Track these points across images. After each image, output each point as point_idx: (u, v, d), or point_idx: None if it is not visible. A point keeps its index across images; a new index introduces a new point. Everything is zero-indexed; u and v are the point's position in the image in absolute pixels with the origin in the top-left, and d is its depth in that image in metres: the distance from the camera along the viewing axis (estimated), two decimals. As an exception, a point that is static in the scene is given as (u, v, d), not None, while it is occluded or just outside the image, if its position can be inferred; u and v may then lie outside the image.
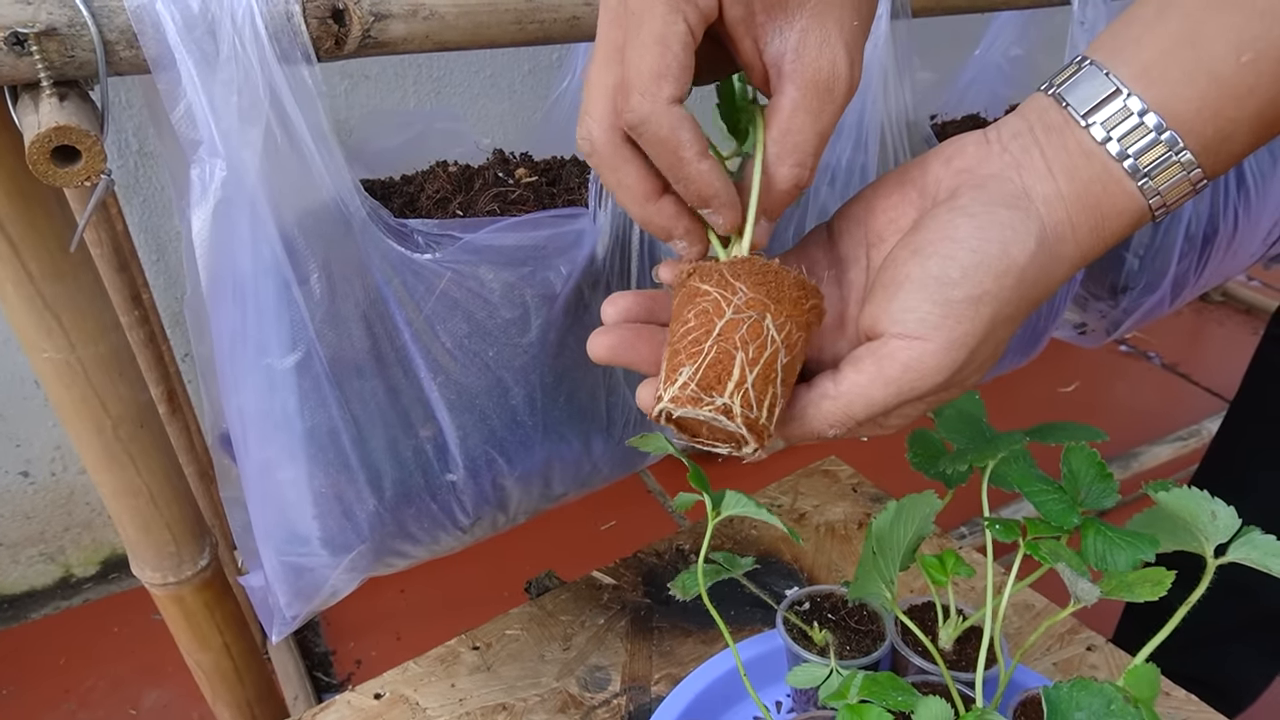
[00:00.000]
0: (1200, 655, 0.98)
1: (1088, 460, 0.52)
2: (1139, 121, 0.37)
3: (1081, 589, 0.45)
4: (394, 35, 0.46)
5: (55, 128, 0.38)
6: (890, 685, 0.50)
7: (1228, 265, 0.98)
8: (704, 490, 0.54)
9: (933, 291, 0.37)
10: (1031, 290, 0.38)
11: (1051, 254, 0.39)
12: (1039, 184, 0.39)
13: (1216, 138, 0.37)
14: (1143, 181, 0.38)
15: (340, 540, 0.53)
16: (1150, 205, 0.39)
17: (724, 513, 0.54)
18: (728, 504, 0.54)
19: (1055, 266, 0.39)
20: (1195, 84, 0.36)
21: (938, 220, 0.39)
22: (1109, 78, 0.38)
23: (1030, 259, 0.38)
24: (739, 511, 0.53)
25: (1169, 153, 0.37)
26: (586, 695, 0.67)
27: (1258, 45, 0.35)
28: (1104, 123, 0.38)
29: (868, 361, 0.38)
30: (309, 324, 0.48)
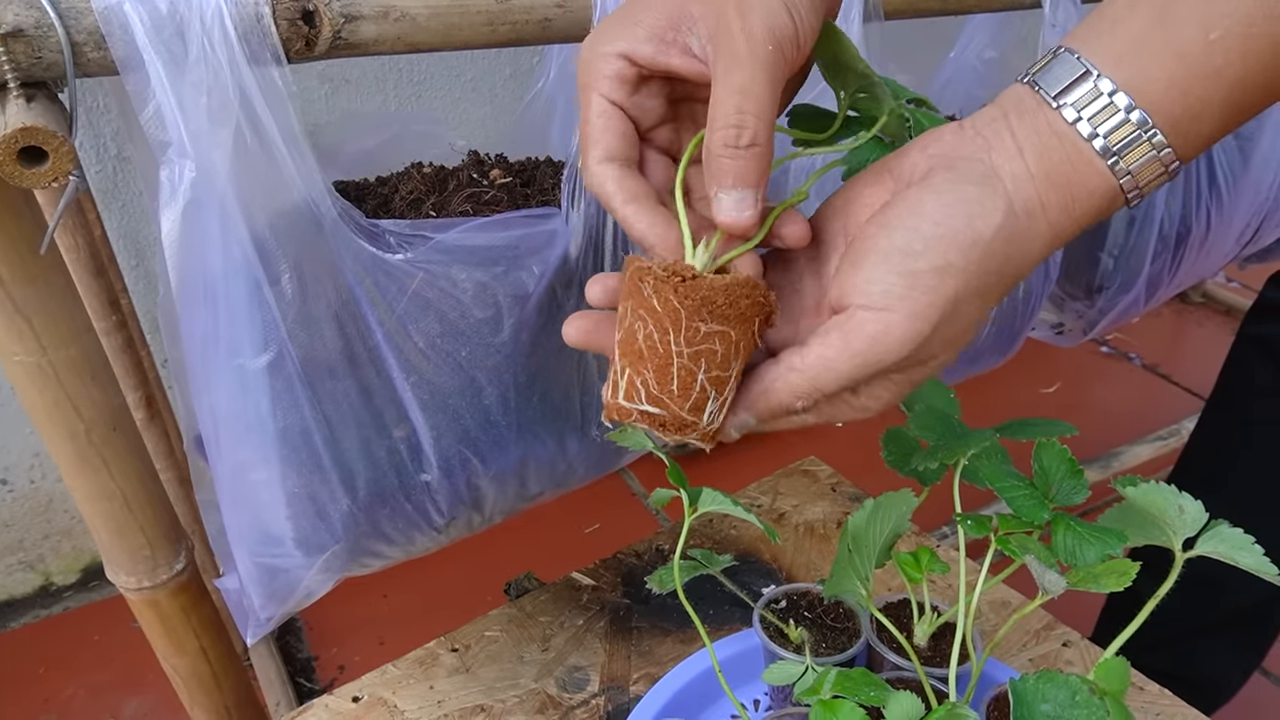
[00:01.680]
0: (1177, 651, 0.99)
1: (1059, 457, 0.53)
2: (1109, 102, 0.38)
3: (1049, 580, 0.45)
4: (365, 37, 0.46)
5: (22, 128, 0.38)
6: (863, 681, 0.50)
7: (1202, 265, 0.99)
8: (682, 487, 0.55)
9: (896, 263, 0.38)
10: (999, 265, 0.39)
11: (1020, 230, 0.39)
12: (1008, 163, 0.39)
13: (1185, 117, 0.38)
14: (1113, 161, 0.38)
15: (314, 541, 0.53)
16: (1122, 186, 0.39)
17: (701, 509, 0.54)
18: (704, 501, 0.54)
19: (1025, 244, 0.39)
20: (1164, 63, 0.37)
21: (907, 199, 0.39)
22: (1080, 61, 0.38)
23: (995, 232, 0.38)
24: (715, 508, 0.53)
25: (1138, 132, 0.37)
26: (565, 696, 0.67)
27: (1224, 22, 0.36)
28: (1075, 103, 0.38)
29: (834, 335, 0.39)
30: (280, 324, 0.48)
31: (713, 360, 0.39)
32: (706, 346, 0.39)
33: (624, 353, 0.39)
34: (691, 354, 0.38)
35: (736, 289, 0.38)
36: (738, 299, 0.38)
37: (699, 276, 0.38)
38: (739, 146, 0.38)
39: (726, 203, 0.39)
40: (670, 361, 0.39)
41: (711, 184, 0.39)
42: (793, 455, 0.94)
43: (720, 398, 0.40)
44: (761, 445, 1.61)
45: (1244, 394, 0.94)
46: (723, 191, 0.39)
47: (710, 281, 0.38)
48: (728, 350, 0.39)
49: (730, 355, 0.39)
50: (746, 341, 0.40)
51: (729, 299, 0.38)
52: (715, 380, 0.39)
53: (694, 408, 0.39)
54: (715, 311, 0.38)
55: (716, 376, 0.39)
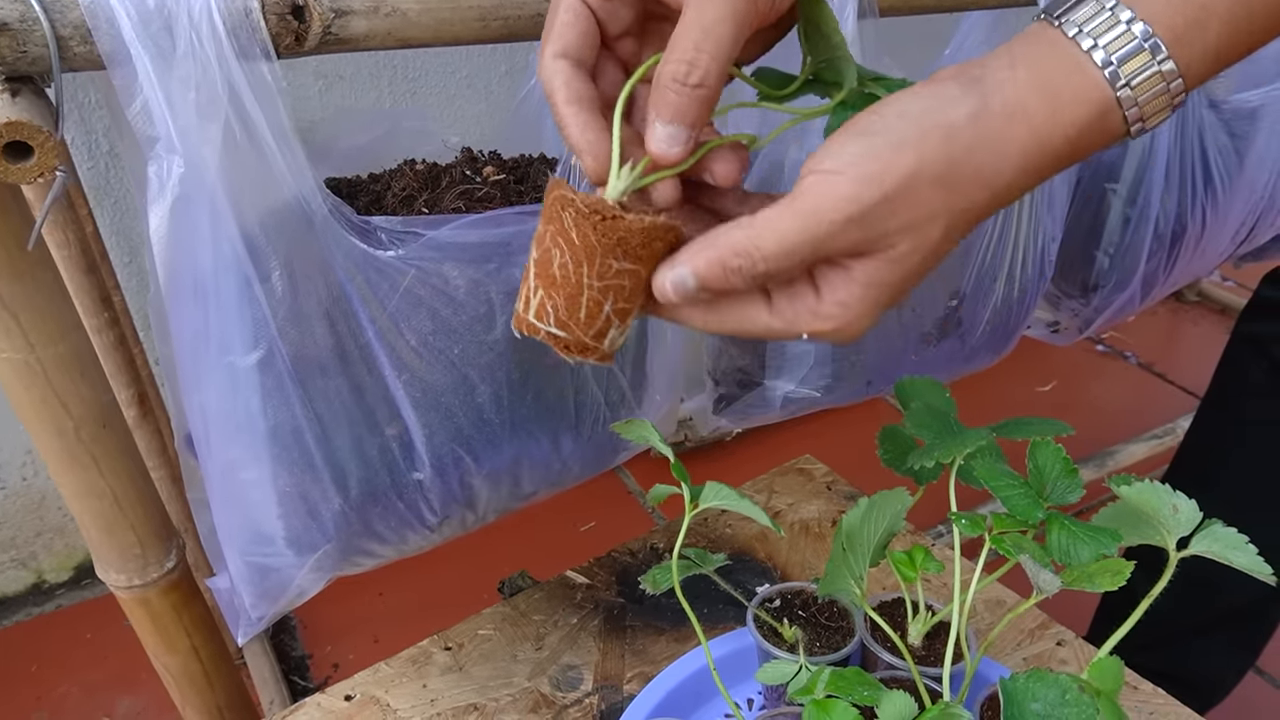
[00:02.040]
0: (1171, 651, 0.99)
1: (1053, 456, 0.52)
2: (1110, 14, 0.37)
3: (1044, 580, 0.45)
4: (355, 32, 0.46)
5: (6, 123, 0.38)
6: (856, 680, 0.50)
7: (1197, 264, 0.99)
8: (683, 481, 0.54)
9: (855, 136, 0.38)
10: (965, 155, 0.38)
11: (994, 130, 0.38)
12: (997, 70, 0.39)
13: (1188, 26, 0.37)
14: (1110, 70, 0.37)
15: (305, 540, 0.53)
16: (1119, 99, 0.38)
17: (703, 505, 0.54)
18: (707, 495, 0.54)
19: (999, 144, 0.38)
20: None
21: (883, 101, 0.40)
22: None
23: (965, 121, 0.37)
24: (718, 503, 0.53)
25: (1139, 42, 0.37)
26: (559, 695, 0.67)
27: None
28: (1077, 20, 0.38)
29: (784, 198, 0.39)
30: (271, 322, 0.47)
31: (620, 294, 0.41)
32: (616, 282, 0.40)
33: (539, 274, 0.41)
34: (601, 287, 0.40)
35: (653, 232, 0.40)
36: (652, 241, 0.40)
37: (618, 217, 0.39)
38: (686, 84, 0.38)
39: (660, 134, 0.39)
40: (580, 292, 0.40)
41: (651, 111, 0.39)
42: (788, 454, 0.93)
43: (622, 326, 0.42)
44: (757, 444, 1.61)
45: (1238, 393, 0.94)
46: (660, 122, 0.39)
47: (629, 223, 0.39)
48: (635, 285, 0.41)
49: (637, 289, 0.41)
50: (632, 268, 0.41)
51: (644, 240, 0.40)
52: (620, 311, 0.41)
53: (597, 335, 0.42)
54: (629, 252, 0.40)
55: (622, 309, 0.41)
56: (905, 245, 0.39)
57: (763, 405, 0.81)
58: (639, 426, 0.52)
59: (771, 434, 1.56)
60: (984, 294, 0.82)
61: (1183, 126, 0.87)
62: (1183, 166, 0.88)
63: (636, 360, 0.62)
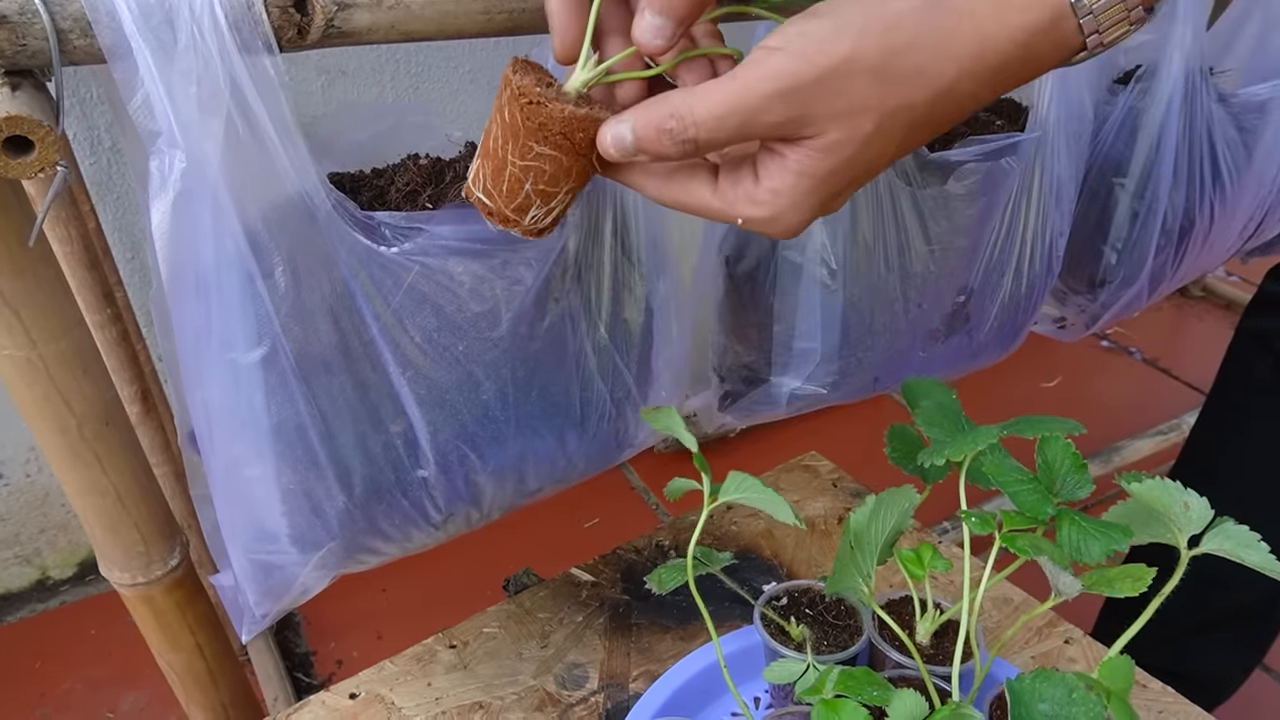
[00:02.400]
0: (1178, 648, 0.99)
1: (1063, 451, 0.52)
2: None
3: (1064, 583, 0.45)
4: (358, 25, 0.45)
5: (6, 118, 0.37)
6: (865, 680, 0.50)
7: (1204, 259, 0.98)
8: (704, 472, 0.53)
9: (806, 17, 0.38)
10: (905, 49, 0.37)
11: (940, 25, 0.37)
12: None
13: None
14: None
15: (309, 537, 0.52)
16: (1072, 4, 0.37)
17: (723, 498, 0.53)
18: (729, 487, 0.53)
19: (943, 40, 0.38)
20: None
21: None
22: None
23: (909, 13, 0.37)
24: (740, 496, 0.52)
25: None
26: (564, 693, 0.66)
27: None
28: None
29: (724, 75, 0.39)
30: (274, 318, 0.47)
31: (540, 177, 0.43)
32: (536, 165, 0.42)
33: (481, 143, 0.44)
34: (523, 166, 0.43)
35: (573, 122, 0.41)
36: (573, 132, 0.41)
37: (540, 103, 0.41)
38: None
39: (647, 23, 0.40)
40: (504, 166, 0.43)
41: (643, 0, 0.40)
42: (792, 450, 0.93)
43: (546, 207, 0.44)
44: (761, 440, 1.61)
45: (1242, 388, 0.93)
46: (650, 11, 0.40)
47: (549, 110, 0.41)
48: (557, 172, 0.43)
49: (560, 177, 0.43)
50: (581, 167, 0.43)
51: (564, 130, 0.41)
52: (541, 193, 0.43)
53: (518, 209, 0.44)
54: (549, 139, 0.42)
55: (543, 190, 0.43)
56: (835, 134, 0.39)
57: (768, 402, 0.81)
58: (664, 415, 0.51)
59: (775, 430, 1.56)
60: (992, 289, 0.82)
61: (1191, 120, 0.86)
62: (1191, 161, 0.88)
63: (642, 357, 0.62)
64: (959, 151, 0.73)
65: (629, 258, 0.58)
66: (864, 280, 0.74)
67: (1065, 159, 0.79)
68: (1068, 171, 0.80)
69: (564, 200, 0.45)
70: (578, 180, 0.44)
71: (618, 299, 0.58)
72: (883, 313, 0.76)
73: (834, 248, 0.71)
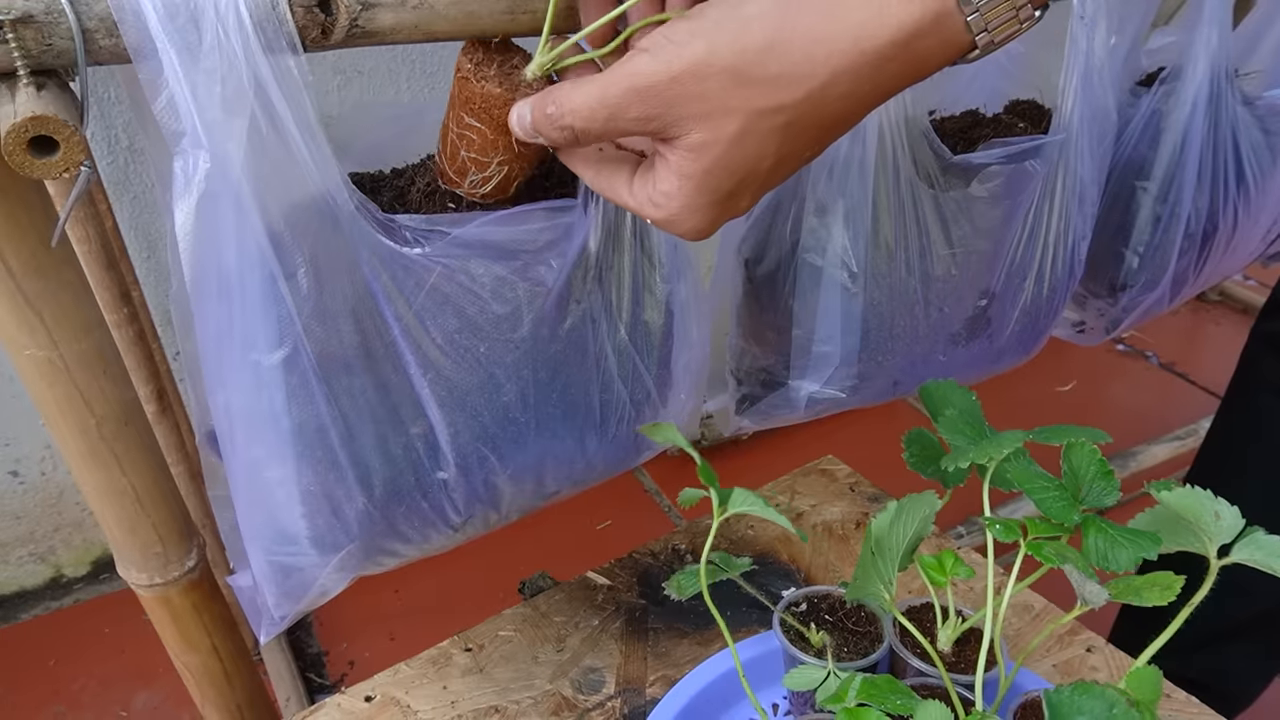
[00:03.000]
0: (1197, 656, 0.98)
1: (1089, 458, 0.51)
2: None
3: (1090, 591, 0.44)
4: (382, 25, 0.45)
5: (32, 117, 0.37)
6: (889, 688, 0.49)
7: (1227, 263, 0.97)
8: (712, 486, 0.53)
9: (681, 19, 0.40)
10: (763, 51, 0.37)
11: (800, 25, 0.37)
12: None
13: None
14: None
15: (329, 539, 0.52)
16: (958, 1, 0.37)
17: (730, 510, 0.53)
18: (734, 501, 0.53)
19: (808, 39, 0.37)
20: None
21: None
22: None
23: (759, 13, 0.37)
24: (745, 509, 0.52)
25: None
26: (580, 698, 0.66)
27: None
28: None
29: None
30: (296, 319, 0.47)
31: (472, 146, 0.48)
32: (468, 134, 0.47)
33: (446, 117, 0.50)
34: (458, 133, 0.48)
35: (491, 100, 0.46)
36: (491, 109, 0.46)
37: (467, 79, 0.46)
38: None
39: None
40: (448, 133, 0.49)
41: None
42: (803, 452, 0.92)
43: (482, 174, 0.49)
44: (773, 442, 1.60)
45: (1257, 393, 0.92)
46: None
47: (474, 87, 0.46)
48: (484, 143, 0.47)
49: (488, 148, 0.48)
50: (506, 143, 0.47)
51: (484, 107, 0.46)
52: (475, 161, 0.48)
53: (457, 171, 0.49)
54: (473, 111, 0.47)
55: (476, 159, 0.48)
56: (698, 134, 0.40)
57: (786, 406, 0.80)
58: (664, 429, 0.51)
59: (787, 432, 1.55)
60: (1013, 293, 0.81)
61: (1216, 123, 0.85)
62: (1215, 164, 0.87)
63: (662, 359, 0.61)
64: (982, 154, 0.72)
65: (649, 259, 0.58)
66: (885, 283, 0.73)
67: (1089, 162, 0.78)
68: (1091, 174, 0.79)
69: (499, 171, 0.49)
70: (507, 155, 0.48)
71: (638, 300, 0.58)
72: (903, 316, 0.76)
73: (855, 250, 0.71)
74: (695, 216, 0.43)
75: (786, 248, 0.75)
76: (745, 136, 0.40)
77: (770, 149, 0.40)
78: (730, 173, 0.41)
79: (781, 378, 0.80)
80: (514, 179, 0.50)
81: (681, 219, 0.43)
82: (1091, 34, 0.73)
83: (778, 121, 0.39)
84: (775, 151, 0.41)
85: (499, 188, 0.50)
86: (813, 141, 0.42)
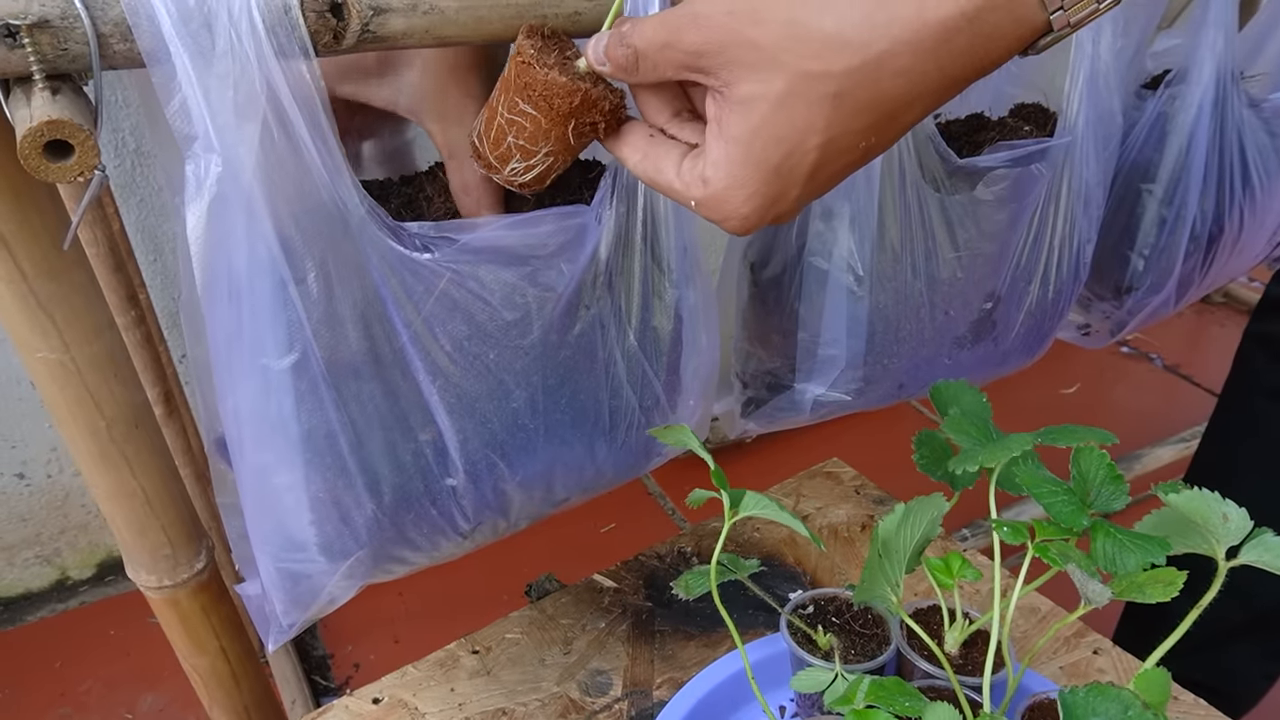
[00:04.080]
0: (1200, 657, 0.98)
1: (1098, 461, 0.51)
2: None
3: (1092, 591, 0.44)
4: (393, 29, 0.45)
5: (47, 121, 0.37)
6: (897, 690, 0.49)
7: (1233, 265, 0.97)
8: (723, 489, 0.53)
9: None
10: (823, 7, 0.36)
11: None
12: None
13: None
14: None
15: (338, 546, 0.52)
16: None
17: (742, 513, 0.53)
18: (747, 504, 0.53)
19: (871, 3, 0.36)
20: None
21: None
22: None
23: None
24: (758, 513, 0.52)
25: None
26: (588, 700, 0.66)
27: None
28: None
29: None
30: (306, 324, 0.47)
31: (521, 133, 0.46)
32: (519, 120, 0.46)
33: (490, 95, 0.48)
34: (508, 119, 0.46)
35: (555, 88, 0.44)
36: (552, 97, 0.45)
37: (530, 64, 0.45)
38: None
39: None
40: (495, 116, 0.47)
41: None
42: (809, 455, 0.92)
43: (526, 163, 0.47)
44: (776, 444, 1.60)
45: (1251, 394, 0.92)
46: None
47: (536, 73, 0.45)
48: (536, 131, 0.46)
49: (539, 137, 0.46)
50: (559, 133, 0.46)
51: (545, 95, 0.45)
52: (521, 149, 0.47)
53: (500, 158, 0.48)
54: (531, 99, 0.45)
55: (523, 146, 0.47)
56: (746, 86, 0.39)
57: (792, 409, 0.80)
58: (676, 432, 0.51)
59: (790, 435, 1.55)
60: (1019, 296, 0.81)
61: (1222, 126, 0.85)
62: (1221, 166, 0.87)
63: (671, 365, 0.61)
64: (988, 157, 0.73)
65: (659, 265, 0.58)
66: (891, 286, 0.73)
67: (1094, 165, 0.78)
68: (1096, 177, 0.80)
69: (544, 161, 0.48)
70: (557, 145, 0.47)
71: (647, 306, 0.58)
72: (909, 319, 0.76)
73: (861, 253, 0.71)
74: (741, 194, 0.41)
75: (792, 251, 0.75)
76: (791, 99, 0.38)
77: (818, 122, 0.38)
78: (777, 141, 0.39)
79: (787, 381, 0.80)
80: (554, 171, 0.49)
81: (727, 198, 0.41)
82: (1097, 37, 0.73)
83: (827, 89, 0.37)
84: (824, 127, 0.38)
85: (539, 178, 0.49)
86: (866, 129, 0.39)
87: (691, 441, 0.51)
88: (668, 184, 0.44)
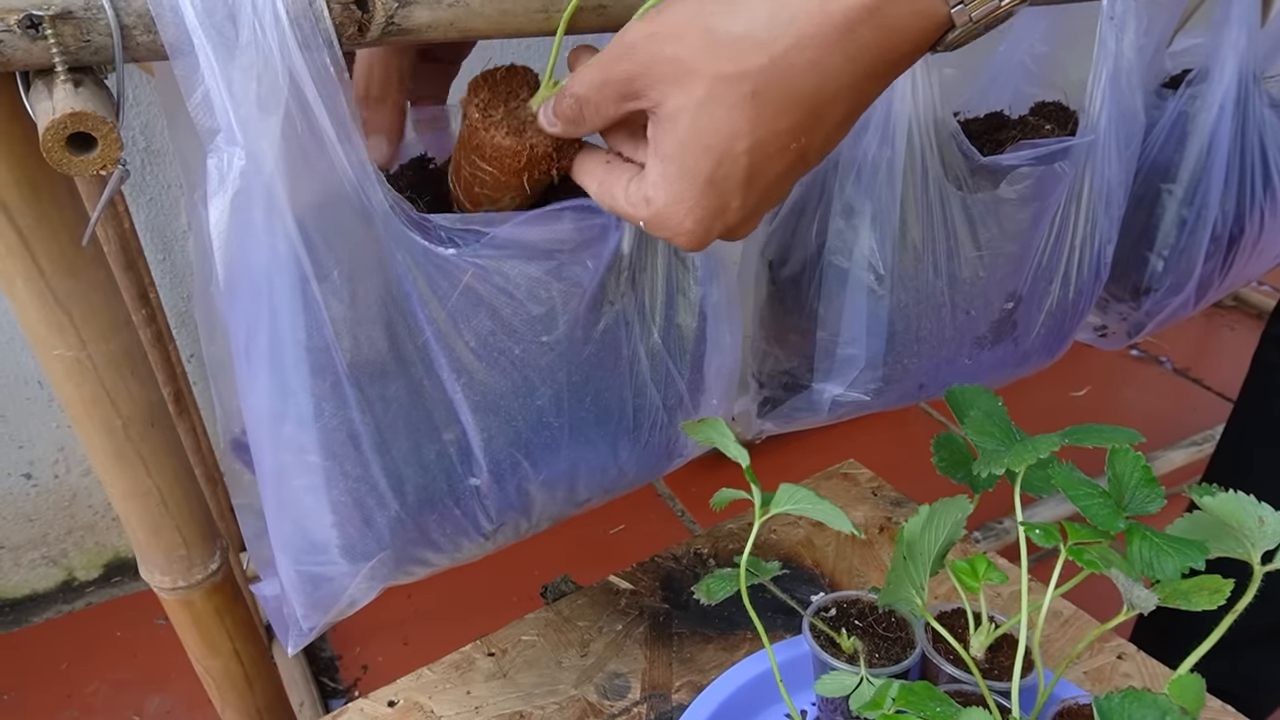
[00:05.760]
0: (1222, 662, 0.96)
1: (1133, 464, 0.51)
2: None
3: (1137, 596, 0.43)
4: (418, 22, 0.45)
5: (70, 114, 0.36)
6: (927, 695, 0.48)
7: (1253, 266, 0.96)
8: (755, 486, 0.53)
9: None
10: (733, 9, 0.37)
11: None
12: None
13: None
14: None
15: (360, 548, 0.51)
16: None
17: (774, 510, 0.52)
18: (780, 499, 0.52)
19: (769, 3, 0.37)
20: None
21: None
22: None
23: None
24: (792, 509, 0.51)
25: None
26: (606, 703, 0.65)
27: None
28: None
29: None
30: (327, 321, 0.46)
31: (484, 184, 0.49)
32: (478, 174, 0.49)
33: None
34: (470, 172, 0.49)
35: (501, 151, 0.47)
36: (501, 158, 0.47)
37: (476, 128, 0.47)
38: None
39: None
40: (461, 168, 0.50)
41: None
42: (821, 456, 0.92)
43: (496, 205, 0.51)
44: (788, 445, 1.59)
45: (1268, 395, 0.92)
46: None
47: (486, 138, 0.47)
48: (495, 182, 0.49)
49: (500, 187, 0.49)
50: (516, 184, 0.49)
51: (494, 156, 0.47)
52: (487, 197, 0.50)
53: (473, 202, 0.51)
54: (484, 157, 0.48)
55: (488, 195, 0.50)
56: (671, 101, 0.39)
57: (809, 409, 0.79)
58: (710, 426, 0.50)
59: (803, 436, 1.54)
60: (1040, 296, 0.80)
61: (1243, 126, 0.85)
62: (1242, 167, 0.86)
63: (695, 363, 0.61)
64: (1011, 155, 0.72)
65: (682, 261, 0.57)
66: (911, 285, 0.72)
67: (1116, 164, 0.78)
68: (1118, 177, 0.79)
69: (511, 204, 0.51)
70: (517, 194, 0.50)
71: (671, 303, 0.57)
72: (930, 319, 0.75)
73: (882, 252, 0.70)
74: (681, 209, 0.41)
75: (811, 250, 0.74)
76: (711, 104, 0.39)
77: (742, 125, 0.39)
78: (705, 150, 0.40)
79: (805, 380, 0.79)
80: (528, 205, 0.51)
81: (669, 214, 0.42)
82: (1121, 34, 0.72)
83: (744, 90, 0.38)
84: (749, 130, 0.39)
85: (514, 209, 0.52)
86: (792, 128, 0.39)
87: (724, 438, 0.50)
88: (618, 206, 0.45)
